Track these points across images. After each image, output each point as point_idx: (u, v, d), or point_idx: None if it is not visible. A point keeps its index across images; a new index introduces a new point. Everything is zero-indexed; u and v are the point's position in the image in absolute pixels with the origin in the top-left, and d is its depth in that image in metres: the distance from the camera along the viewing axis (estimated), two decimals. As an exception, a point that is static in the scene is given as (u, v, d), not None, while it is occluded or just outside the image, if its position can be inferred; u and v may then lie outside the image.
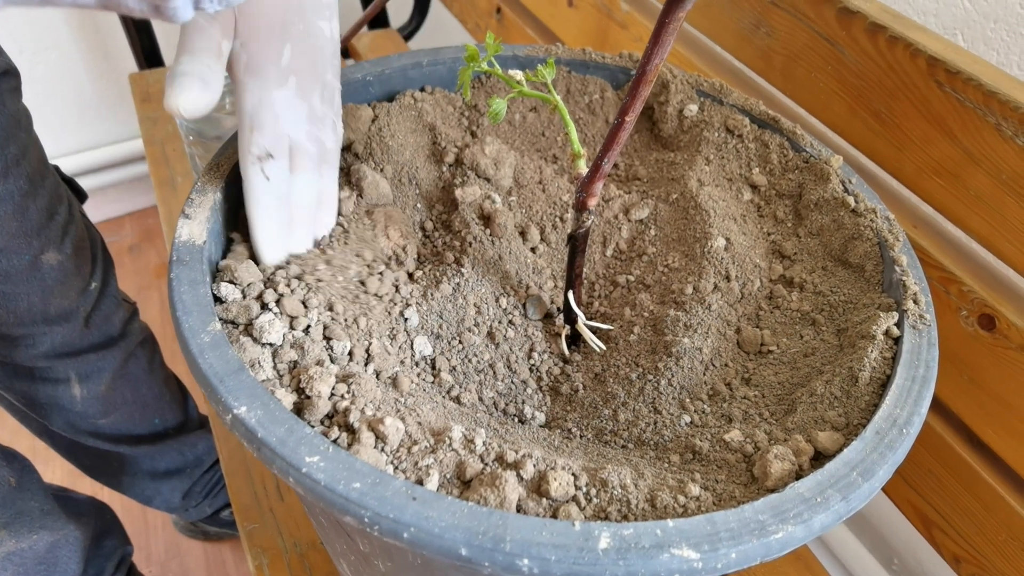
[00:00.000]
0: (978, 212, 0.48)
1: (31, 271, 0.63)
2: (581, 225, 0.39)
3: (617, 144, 0.34)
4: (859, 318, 0.39)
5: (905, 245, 0.41)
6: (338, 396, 0.32)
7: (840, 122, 0.56)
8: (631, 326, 0.41)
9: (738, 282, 0.42)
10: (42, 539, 0.67)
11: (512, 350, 0.40)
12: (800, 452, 0.32)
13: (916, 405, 0.33)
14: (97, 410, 0.74)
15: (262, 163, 0.38)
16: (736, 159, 0.49)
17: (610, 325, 0.41)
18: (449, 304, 0.40)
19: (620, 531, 0.26)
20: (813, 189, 0.45)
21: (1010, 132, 0.44)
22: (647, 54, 0.30)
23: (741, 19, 0.62)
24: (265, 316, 0.34)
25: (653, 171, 0.51)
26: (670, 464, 0.34)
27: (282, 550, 0.59)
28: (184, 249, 0.36)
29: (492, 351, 0.40)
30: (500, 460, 0.31)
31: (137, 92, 1.04)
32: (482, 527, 0.26)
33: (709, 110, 0.51)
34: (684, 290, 0.41)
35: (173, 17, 0.19)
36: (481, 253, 0.42)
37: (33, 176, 0.61)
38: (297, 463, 0.28)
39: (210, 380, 0.30)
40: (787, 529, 0.27)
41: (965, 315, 0.49)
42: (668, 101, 0.51)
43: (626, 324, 0.42)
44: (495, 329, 0.40)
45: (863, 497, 0.29)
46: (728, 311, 0.41)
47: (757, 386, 0.38)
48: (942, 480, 0.53)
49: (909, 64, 0.49)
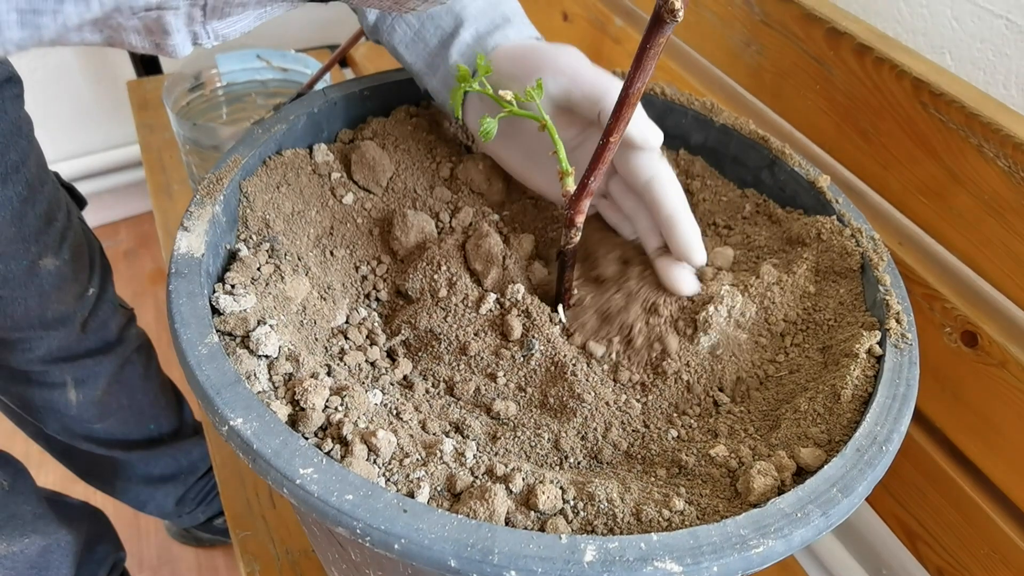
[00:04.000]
0: (961, 231, 0.49)
1: (29, 276, 0.63)
2: (570, 241, 0.40)
3: (603, 164, 0.35)
4: (843, 336, 0.39)
5: (889, 265, 0.42)
6: (332, 408, 0.33)
7: (828, 140, 0.57)
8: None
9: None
10: (34, 543, 0.68)
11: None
12: (783, 468, 0.33)
13: (896, 423, 0.34)
14: (92, 415, 0.75)
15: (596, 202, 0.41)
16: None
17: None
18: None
19: (605, 544, 0.27)
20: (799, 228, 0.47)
21: (991, 153, 0.45)
22: (629, 78, 0.31)
23: (732, 36, 0.63)
24: (262, 329, 0.35)
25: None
26: (656, 478, 0.35)
27: (274, 557, 0.60)
28: (183, 262, 0.37)
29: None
30: (490, 473, 0.32)
31: (135, 99, 1.05)
32: (471, 539, 0.27)
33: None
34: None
35: (173, 53, 0.20)
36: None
37: (32, 182, 0.62)
38: (291, 475, 0.28)
39: (207, 392, 0.31)
40: (768, 543, 0.28)
41: (948, 332, 0.50)
42: None
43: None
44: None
45: (842, 513, 0.30)
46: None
47: (743, 402, 0.39)
48: (926, 494, 0.54)
49: (895, 85, 0.51)
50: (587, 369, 0.40)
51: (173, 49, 0.20)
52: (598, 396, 0.39)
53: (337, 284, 0.44)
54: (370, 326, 0.43)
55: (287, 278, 0.40)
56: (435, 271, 0.43)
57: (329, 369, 0.37)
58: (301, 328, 0.39)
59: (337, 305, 0.42)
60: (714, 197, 0.51)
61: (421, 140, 0.51)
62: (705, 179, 0.52)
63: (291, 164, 0.46)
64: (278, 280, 0.39)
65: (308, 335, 0.39)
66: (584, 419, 0.38)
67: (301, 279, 0.40)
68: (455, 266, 0.43)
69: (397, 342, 0.42)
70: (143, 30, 0.19)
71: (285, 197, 0.45)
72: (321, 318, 0.41)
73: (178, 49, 0.20)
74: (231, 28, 0.20)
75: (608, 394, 0.39)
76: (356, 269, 0.45)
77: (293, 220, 0.44)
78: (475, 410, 0.39)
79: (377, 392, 0.37)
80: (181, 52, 0.20)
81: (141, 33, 0.19)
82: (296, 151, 0.47)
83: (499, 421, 0.39)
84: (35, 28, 0.16)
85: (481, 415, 0.39)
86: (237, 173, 0.42)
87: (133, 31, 0.18)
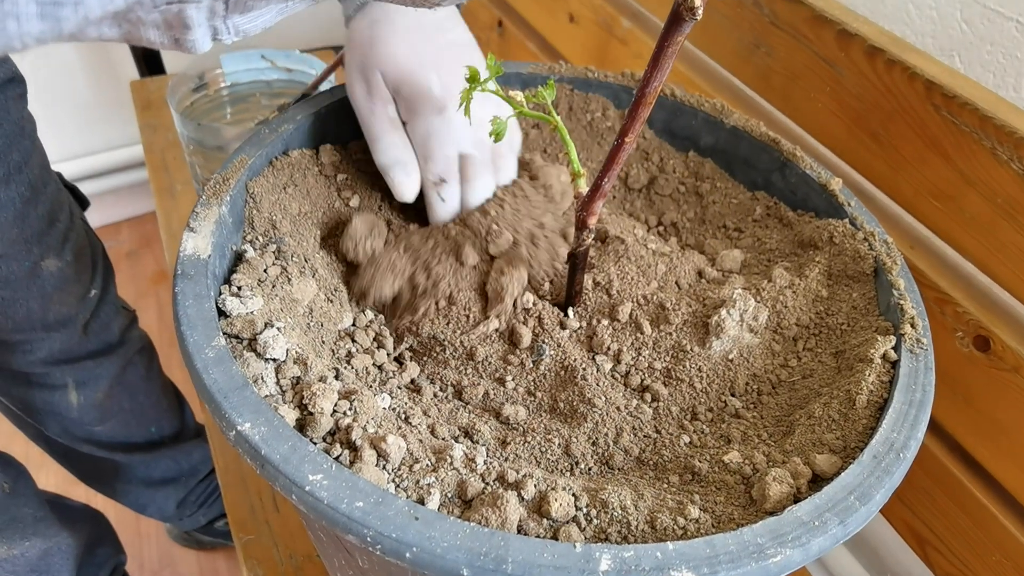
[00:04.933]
0: (973, 235, 0.48)
1: (31, 277, 0.63)
2: (581, 243, 0.39)
3: (617, 164, 0.35)
4: (857, 341, 0.39)
5: (903, 269, 0.42)
6: (340, 413, 0.33)
7: (838, 143, 0.57)
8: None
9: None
10: (35, 546, 0.67)
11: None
12: (798, 475, 0.32)
13: (913, 429, 0.33)
14: (93, 417, 0.74)
15: (437, 188, 0.43)
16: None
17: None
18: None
19: (620, 553, 0.27)
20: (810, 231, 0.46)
21: (1005, 156, 0.45)
22: (646, 77, 0.31)
23: (741, 38, 0.62)
24: (269, 331, 0.34)
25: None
26: (669, 485, 0.34)
27: (277, 562, 0.59)
28: (189, 263, 0.36)
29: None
30: (501, 480, 0.31)
31: (138, 99, 1.05)
32: (484, 548, 0.26)
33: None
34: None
35: (192, 49, 0.20)
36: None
37: (35, 183, 0.61)
38: (300, 481, 0.28)
39: (214, 396, 0.31)
40: (785, 553, 0.28)
41: (960, 336, 0.49)
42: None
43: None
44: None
45: (860, 521, 0.30)
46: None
47: (756, 407, 0.39)
48: (936, 499, 0.53)
49: (906, 87, 0.50)
50: (597, 373, 0.39)
51: (192, 44, 0.19)
52: (609, 401, 0.38)
53: (344, 286, 0.43)
54: (377, 329, 0.42)
55: (294, 280, 0.39)
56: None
57: (337, 372, 0.37)
58: (308, 330, 0.39)
59: (344, 307, 0.42)
60: (724, 199, 0.51)
61: None
62: (715, 181, 0.52)
63: (298, 165, 0.46)
64: (285, 282, 0.39)
65: (315, 338, 0.39)
66: (595, 424, 0.38)
67: (308, 281, 0.40)
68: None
69: (403, 347, 0.42)
70: (163, 24, 0.18)
71: (292, 198, 0.44)
72: (328, 320, 0.40)
73: (198, 44, 0.19)
74: (253, 23, 0.20)
75: (619, 399, 0.39)
76: None
77: (300, 221, 0.44)
78: (484, 414, 0.39)
79: (385, 396, 0.37)
80: (201, 47, 0.20)
81: (160, 28, 0.18)
82: (303, 151, 0.47)
83: (508, 426, 0.38)
84: (55, 20, 0.16)
85: (490, 419, 0.38)
86: (244, 174, 0.42)
87: (152, 25, 0.18)
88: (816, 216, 0.47)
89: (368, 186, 0.48)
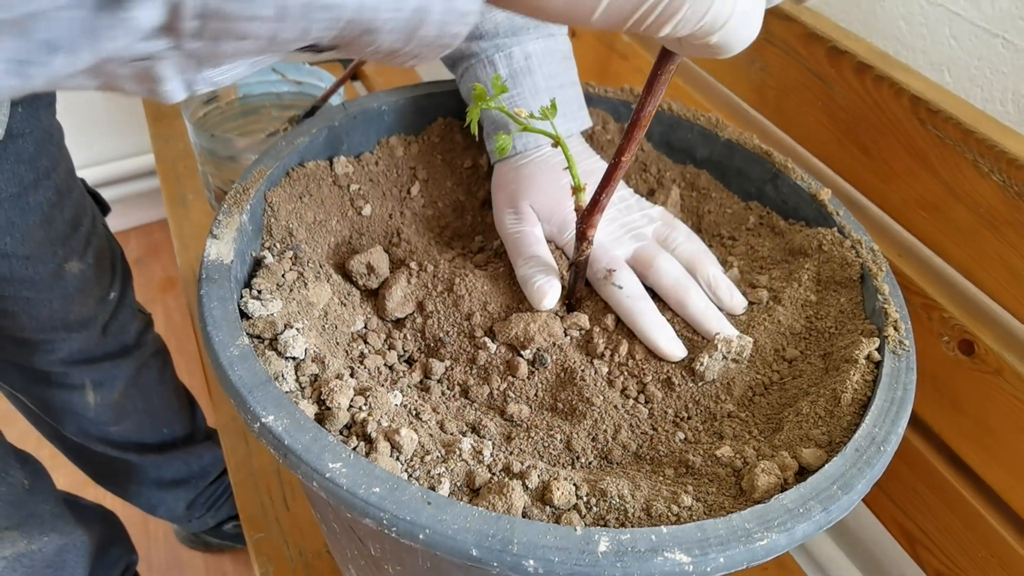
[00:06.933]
0: (958, 243, 0.50)
1: (55, 279, 0.65)
2: (582, 254, 0.42)
3: (614, 182, 0.37)
4: (843, 343, 0.41)
5: (888, 275, 0.44)
6: (356, 408, 0.35)
7: (829, 154, 0.59)
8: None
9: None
10: (52, 542, 0.69)
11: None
12: (785, 467, 0.34)
13: (894, 425, 0.35)
14: (109, 417, 0.77)
15: (609, 279, 0.44)
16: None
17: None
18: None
19: (618, 536, 0.29)
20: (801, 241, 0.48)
21: (987, 168, 0.47)
22: (641, 102, 0.33)
23: (737, 55, 0.65)
24: (289, 332, 0.37)
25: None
26: (664, 477, 0.36)
27: (288, 559, 0.61)
28: (213, 267, 0.39)
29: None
30: (507, 470, 0.33)
31: (149, 110, 1.07)
32: (492, 530, 0.29)
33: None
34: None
35: (167, 99, 0.20)
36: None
37: (61, 188, 0.64)
38: (321, 469, 0.30)
39: (240, 391, 0.33)
40: (771, 537, 0.30)
41: (946, 340, 0.51)
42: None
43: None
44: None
45: (842, 509, 0.32)
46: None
47: (748, 407, 0.41)
48: (925, 499, 0.55)
49: (894, 102, 0.52)
50: (595, 375, 0.42)
51: (167, 95, 0.20)
52: (607, 400, 0.40)
53: (356, 291, 0.45)
54: (387, 331, 0.44)
55: (310, 284, 0.41)
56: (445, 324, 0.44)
57: (352, 371, 0.39)
58: (323, 332, 0.41)
59: (356, 311, 0.44)
60: (719, 209, 0.53)
61: (445, 162, 0.54)
62: (710, 192, 0.54)
63: (313, 176, 0.48)
64: (301, 286, 0.41)
65: (330, 339, 0.41)
66: (594, 421, 0.40)
67: (323, 285, 0.42)
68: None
69: (414, 350, 0.44)
70: (135, 78, 0.19)
71: (307, 207, 0.47)
72: (342, 323, 0.42)
73: (172, 95, 0.20)
74: (224, 76, 0.21)
75: (616, 398, 0.41)
76: None
77: (315, 229, 0.46)
78: (490, 412, 0.41)
79: (397, 393, 0.39)
80: (176, 98, 0.20)
81: (134, 81, 0.19)
82: (318, 163, 0.49)
83: (513, 423, 0.40)
84: (25, 78, 0.17)
85: (495, 417, 0.41)
86: (262, 184, 0.44)
87: (126, 79, 0.19)
88: (807, 225, 0.50)
89: (379, 196, 0.51)
